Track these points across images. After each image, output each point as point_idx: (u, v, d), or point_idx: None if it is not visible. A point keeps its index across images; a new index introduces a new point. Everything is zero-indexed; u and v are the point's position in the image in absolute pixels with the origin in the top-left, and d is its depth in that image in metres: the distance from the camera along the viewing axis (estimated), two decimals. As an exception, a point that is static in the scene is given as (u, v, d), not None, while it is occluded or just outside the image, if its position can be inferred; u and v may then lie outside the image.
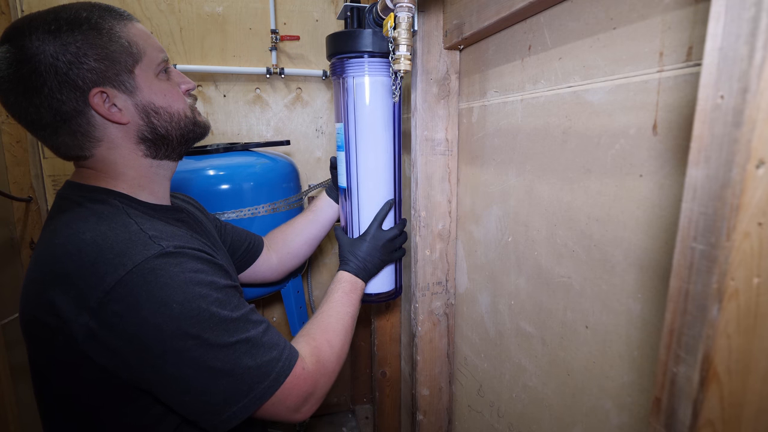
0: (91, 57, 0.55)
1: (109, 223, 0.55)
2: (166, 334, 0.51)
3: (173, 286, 0.51)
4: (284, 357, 0.58)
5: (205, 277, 0.55)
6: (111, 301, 0.50)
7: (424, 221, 0.92)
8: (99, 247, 0.52)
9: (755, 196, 0.28)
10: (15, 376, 1.22)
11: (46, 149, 1.37)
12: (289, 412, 0.60)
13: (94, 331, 0.51)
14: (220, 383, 0.53)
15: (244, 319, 0.57)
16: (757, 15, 0.26)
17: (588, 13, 0.54)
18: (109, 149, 0.61)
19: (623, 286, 0.51)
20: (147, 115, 0.61)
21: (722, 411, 0.31)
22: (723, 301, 0.29)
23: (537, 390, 0.69)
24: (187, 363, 0.52)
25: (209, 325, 0.53)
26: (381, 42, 0.85)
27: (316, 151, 1.63)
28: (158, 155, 0.65)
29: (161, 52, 0.63)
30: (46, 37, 0.54)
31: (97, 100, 0.57)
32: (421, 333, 0.96)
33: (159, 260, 0.52)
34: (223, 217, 1.16)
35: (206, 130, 0.70)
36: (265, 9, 1.47)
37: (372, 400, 1.78)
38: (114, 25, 0.58)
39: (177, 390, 0.53)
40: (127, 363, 0.52)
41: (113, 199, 0.60)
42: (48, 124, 0.58)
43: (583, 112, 0.56)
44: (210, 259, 0.59)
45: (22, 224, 1.35)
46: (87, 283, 0.50)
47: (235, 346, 0.54)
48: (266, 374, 0.56)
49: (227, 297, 0.56)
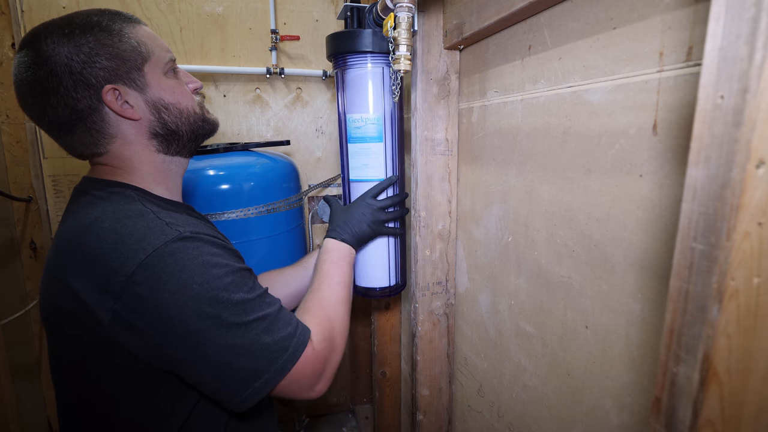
0: (102, 56, 0.59)
1: (126, 212, 0.57)
2: (187, 313, 0.53)
3: (192, 268, 0.54)
4: (298, 333, 0.61)
5: (222, 260, 0.57)
6: (134, 284, 0.52)
7: (424, 221, 0.92)
8: (118, 234, 0.54)
9: (755, 196, 0.28)
10: (15, 376, 1.22)
11: (46, 149, 1.37)
12: (305, 389, 0.62)
13: (119, 313, 0.53)
14: (241, 360, 0.55)
15: (259, 298, 0.59)
16: (757, 15, 0.26)
17: (588, 13, 0.54)
18: (123, 145, 0.64)
19: (623, 286, 0.51)
20: (158, 111, 0.64)
21: (722, 411, 0.31)
22: (723, 301, 0.29)
23: (537, 390, 0.69)
24: (208, 342, 0.54)
25: (227, 305, 0.55)
26: (381, 42, 0.85)
27: (316, 151, 1.63)
28: (170, 151, 0.68)
29: (168, 52, 0.66)
30: (60, 40, 0.57)
31: (110, 97, 0.60)
32: (421, 333, 0.96)
33: (177, 244, 0.54)
34: (223, 217, 1.16)
35: (215, 127, 0.73)
36: (265, 9, 1.47)
37: (372, 400, 1.78)
38: (123, 27, 0.61)
39: (200, 369, 0.55)
40: (151, 344, 0.54)
41: (129, 192, 0.62)
42: (65, 123, 0.60)
43: (583, 112, 0.56)
44: (224, 244, 0.61)
45: (22, 224, 1.35)
46: (109, 268, 0.52)
47: (253, 323, 0.56)
48: (284, 349, 0.58)
49: (243, 279, 0.59)
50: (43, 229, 1.38)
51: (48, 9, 1.31)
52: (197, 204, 1.10)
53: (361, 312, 1.74)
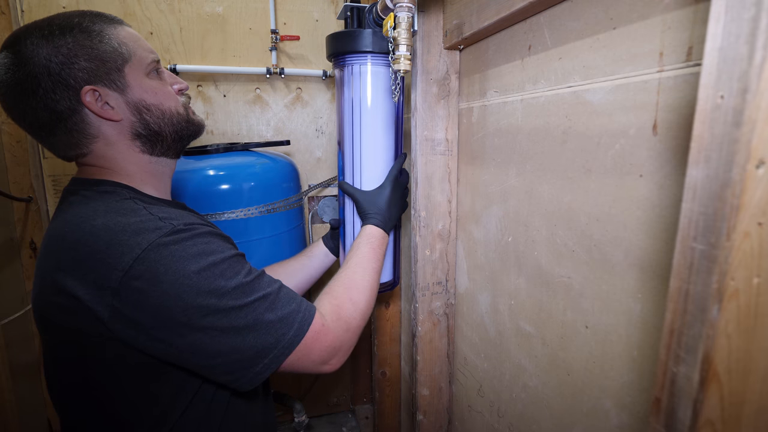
0: (81, 57, 0.59)
1: (118, 209, 0.58)
2: (189, 302, 0.53)
3: (189, 258, 0.54)
4: (303, 309, 0.62)
5: (217, 247, 0.58)
6: (132, 279, 0.52)
7: (424, 221, 0.92)
8: (112, 231, 0.54)
9: (755, 196, 0.28)
10: (15, 376, 1.22)
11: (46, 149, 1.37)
12: (316, 364, 0.63)
13: (119, 309, 0.53)
14: (248, 339, 0.56)
15: (258, 280, 0.60)
16: (757, 15, 0.26)
17: (588, 13, 0.54)
18: (107, 146, 0.64)
19: (623, 286, 0.51)
20: (139, 112, 0.64)
21: (722, 411, 0.31)
22: (723, 301, 0.29)
23: (537, 390, 0.69)
24: (212, 327, 0.55)
25: (227, 290, 0.56)
26: (381, 42, 0.85)
27: (316, 151, 1.63)
28: (155, 152, 0.67)
29: (151, 53, 0.66)
30: (39, 41, 0.57)
31: (89, 98, 0.60)
32: (421, 333, 0.96)
33: (172, 236, 0.55)
34: (223, 217, 1.16)
35: (200, 129, 0.73)
36: (265, 9, 1.47)
37: (372, 400, 1.78)
38: (104, 28, 0.61)
39: (207, 354, 0.56)
40: (154, 337, 0.54)
41: (121, 190, 0.63)
42: (45, 124, 0.60)
43: (583, 112, 0.56)
44: (218, 232, 0.62)
45: (22, 224, 1.35)
46: (105, 265, 0.52)
47: (254, 304, 0.58)
48: (290, 324, 0.59)
49: (239, 263, 0.60)
50: (43, 229, 1.38)
51: (48, 9, 1.31)
52: (197, 204, 1.10)
53: (361, 312, 1.74)
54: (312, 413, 1.81)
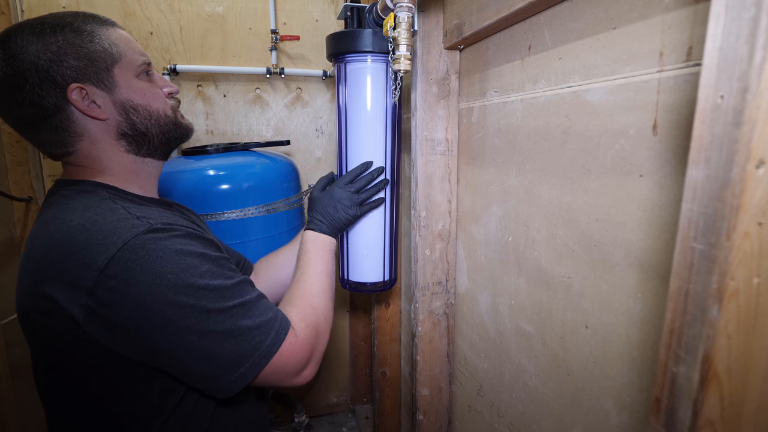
0: (70, 56, 0.59)
1: (95, 209, 0.57)
2: (165, 304, 0.52)
3: (165, 258, 0.53)
4: (279, 318, 0.61)
5: (196, 249, 0.57)
6: (106, 278, 0.51)
7: (424, 221, 0.92)
8: (88, 231, 0.54)
9: (755, 196, 0.28)
10: (15, 376, 1.22)
11: (46, 149, 1.36)
12: (291, 376, 0.62)
13: (94, 310, 0.52)
14: (225, 345, 0.55)
15: (238, 286, 0.59)
16: (757, 15, 0.26)
17: (588, 13, 0.54)
18: (92, 144, 0.63)
19: (623, 286, 0.51)
20: (126, 112, 0.63)
21: (722, 411, 0.31)
22: (723, 301, 0.29)
23: (537, 390, 0.69)
24: (189, 329, 0.54)
25: (205, 292, 0.55)
26: (381, 42, 0.85)
27: (316, 151, 1.63)
28: (140, 152, 0.67)
29: (142, 55, 0.66)
30: (30, 38, 0.57)
31: (76, 96, 0.60)
32: (421, 333, 0.96)
33: (149, 235, 0.54)
34: (223, 217, 1.16)
35: (188, 132, 0.73)
36: (265, 9, 1.47)
37: (372, 400, 1.78)
38: (95, 28, 0.61)
39: (183, 358, 0.55)
40: (130, 338, 0.54)
41: (100, 190, 0.62)
42: (31, 120, 0.60)
43: (583, 112, 0.56)
44: (199, 234, 0.61)
45: (22, 224, 1.35)
46: (80, 265, 0.52)
47: (233, 309, 0.56)
48: (267, 333, 0.58)
49: (220, 267, 0.58)
50: (43, 229, 1.38)
51: (48, 9, 1.31)
52: (197, 204, 1.10)
53: (361, 312, 1.74)
54: (312, 413, 1.81)
